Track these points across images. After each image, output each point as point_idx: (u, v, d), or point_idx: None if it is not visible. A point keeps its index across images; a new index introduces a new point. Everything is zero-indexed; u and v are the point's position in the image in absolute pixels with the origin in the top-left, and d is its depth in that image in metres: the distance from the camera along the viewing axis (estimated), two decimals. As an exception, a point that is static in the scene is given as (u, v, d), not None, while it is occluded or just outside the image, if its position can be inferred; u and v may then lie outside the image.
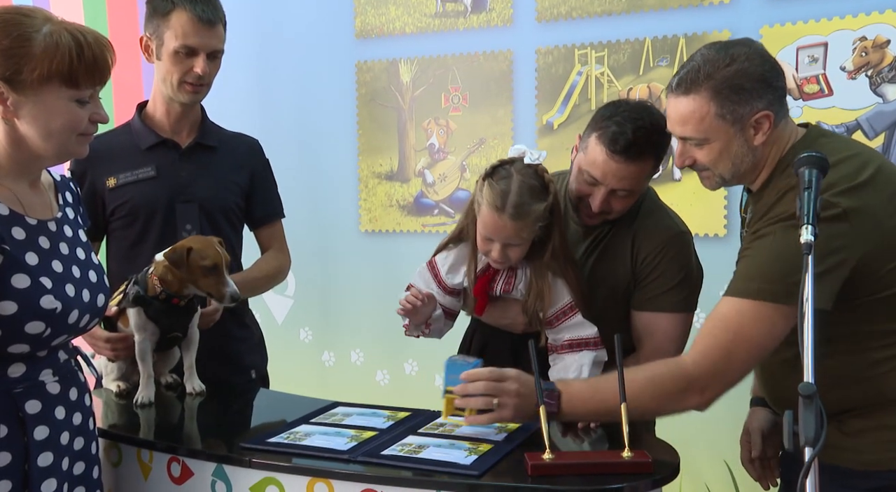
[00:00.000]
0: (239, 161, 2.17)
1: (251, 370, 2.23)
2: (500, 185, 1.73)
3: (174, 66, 2.00)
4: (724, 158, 1.57)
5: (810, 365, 1.22)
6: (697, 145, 1.58)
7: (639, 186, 1.82)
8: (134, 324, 1.86)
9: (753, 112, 1.53)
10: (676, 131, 1.60)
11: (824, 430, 1.13)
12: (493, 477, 1.40)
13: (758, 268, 1.50)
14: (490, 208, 1.73)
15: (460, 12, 3.04)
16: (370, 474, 1.43)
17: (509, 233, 1.74)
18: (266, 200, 2.24)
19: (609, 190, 1.79)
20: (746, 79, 1.52)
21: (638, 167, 1.77)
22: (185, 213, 2.06)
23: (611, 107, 1.83)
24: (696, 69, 1.54)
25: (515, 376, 1.55)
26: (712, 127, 1.54)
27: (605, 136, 1.76)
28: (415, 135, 3.17)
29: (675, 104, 1.58)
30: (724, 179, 1.61)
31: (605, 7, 2.79)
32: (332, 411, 1.78)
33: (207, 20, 1.98)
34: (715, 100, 1.52)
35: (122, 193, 2.05)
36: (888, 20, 2.39)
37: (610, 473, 1.40)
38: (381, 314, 3.21)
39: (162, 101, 2.08)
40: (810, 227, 1.32)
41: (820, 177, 1.41)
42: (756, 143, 1.55)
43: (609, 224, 1.90)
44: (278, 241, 2.28)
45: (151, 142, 2.08)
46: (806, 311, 1.25)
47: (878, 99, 2.44)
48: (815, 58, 2.50)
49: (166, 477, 1.63)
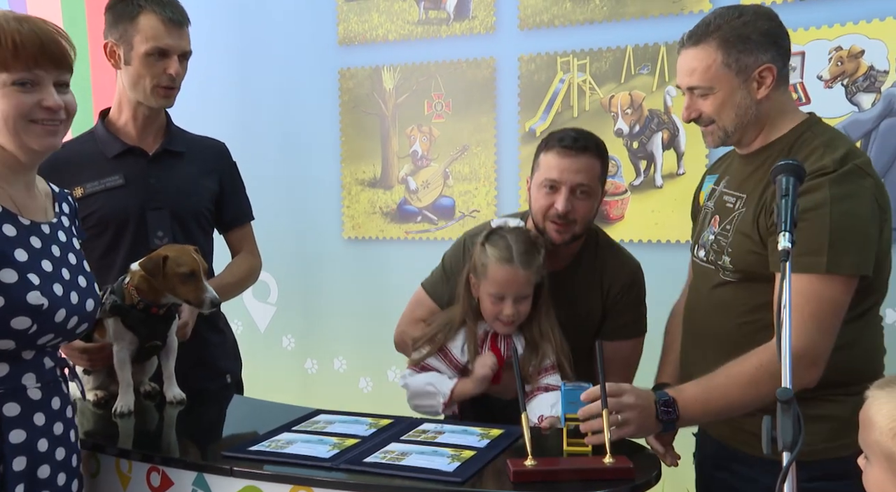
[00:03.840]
0: (207, 166, 2.16)
1: (226, 375, 2.22)
2: (500, 242, 1.86)
3: (146, 70, 1.98)
4: (728, 107, 1.63)
5: (787, 371, 1.24)
6: (703, 95, 1.65)
7: (594, 182, 1.93)
8: (112, 333, 1.85)
9: (758, 64, 1.61)
10: (684, 82, 1.67)
11: (801, 435, 1.15)
12: (475, 484, 1.40)
13: (820, 241, 1.52)
14: (500, 264, 1.84)
15: (443, 20, 3.06)
16: (353, 482, 1.43)
17: (521, 283, 1.84)
18: (235, 203, 2.23)
19: (570, 189, 1.89)
20: (753, 31, 1.61)
21: (588, 160, 1.90)
22: (157, 220, 2.04)
23: (549, 134, 2.01)
24: (706, 23, 1.64)
25: (631, 389, 1.54)
26: (717, 75, 1.61)
27: (551, 143, 1.93)
28: (398, 142, 3.18)
29: (684, 56, 1.66)
30: (727, 132, 1.67)
31: (587, 15, 2.82)
32: (315, 419, 1.78)
33: (177, 21, 1.98)
34: (722, 48, 1.60)
35: (91, 202, 2.03)
36: (862, 31, 2.43)
37: (592, 479, 1.41)
38: (364, 322, 3.22)
39: (128, 108, 2.06)
40: (787, 234, 1.34)
41: (797, 184, 1.43)
42: (759, 96, 1.62)
43: (573, 269, 2.01)
44: (249, 243, 2.27)
45: (118, 150, 2.06)
46: (784, 317, 1.27)
47: (853, 108, 2.47)
48: (792, 66, 2.52)
49: (146, 487, 1.62)
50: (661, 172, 2.76)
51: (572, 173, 1.89)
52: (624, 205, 2.82)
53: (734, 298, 1.68)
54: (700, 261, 1.79)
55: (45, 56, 1.39)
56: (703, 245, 1.77)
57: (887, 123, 2.43)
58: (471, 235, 2.13)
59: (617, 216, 2.83)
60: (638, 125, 2.78)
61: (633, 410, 1.50)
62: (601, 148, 1.96)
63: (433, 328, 1.96)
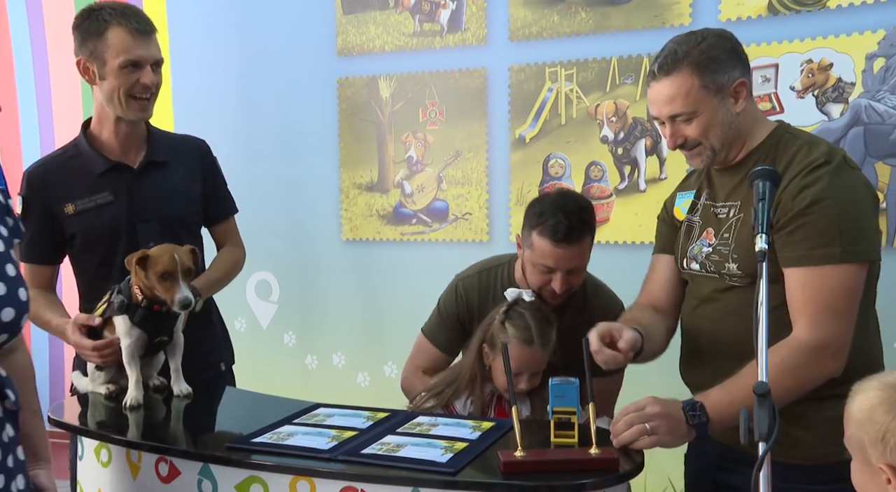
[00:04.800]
0: (191, 169, 2.14)
1: (220, 364, 2.23)
2: (520, 322, 1.86)
3: (120, 82, 1.93)
4: (713, 127, 1.61)
5: (763, 365, 1.25)
6: (686, 120, 1.62)
7: (587, 259, 1.97)
8: (121, 331, 1.85)
9: (731, 80, 1.60)
10: (664, 112, 1.63)
11: (776, 425, 1.16)
12: (467, 474, 1.40)
13: (831, 232, 1.50)
14: (520, 345, 1.83)
15: (437, 32, 3.06)
16: (351, 473, 1.44)
17: (538, 362, 1.86)
18: (218, 200, 2.22)
19: (565, 272, 1.91)
20: (720, 50, 1.60)
21: (581, 247, 1.91)
22: (146, 231, 2.02)
23: (538, 204, 1.96)
24: (672, 52, 1.61)
25: (653, 400, 1.49)
26: (698, 98, 1.59)
27: (545, 230, 1.88)
28: (394, 148, 3.18)
29: (659, 88, 1.62)
30: (715, 150, 1.64)
31: (574, 28, 2.83)
32: (315, 412, 1.78)
33: (144, 31, 1.94)
34: (696, 73, 1.58)
35: (83, 219, 2.00)
36: (831, 45, 2.46)
37: (579, 469, 1.41)
38: (361, 319, 3.22)
39: (108, 122, 2.02)
40: (764, 236, 1.35)
41: (773, 189, 1.44)
42: (738, 109, 1.61)
43: (562, 313, 1.99)
44: (232, 235, 2.26)
45: (104, 167, 2.02)
46: (760, 315, 1.28)
47: (823, 117, 2.49)
48: (767, 78, 2.56)
49: (154, 476, 1.62)
50: (644, 176, 2.77)
51: (566, 261, 1.90)
52: (609, 208, 2.83)
53: (742, 301, 1.60)
54: (695, 272, 1.73)
55: None
56: (695, 258, 1.72)
57: (854, 131, 2.46)
58: (462, 278, 2.14)
59: (602, 219, 2.84)
60: (622, 132, 2.79)
61: (660, 418, 1.46)
62: (591, 224, 1.94)
63: (439, 384, 1.95)
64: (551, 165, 2.90)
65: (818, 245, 1.50)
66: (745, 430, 1.20)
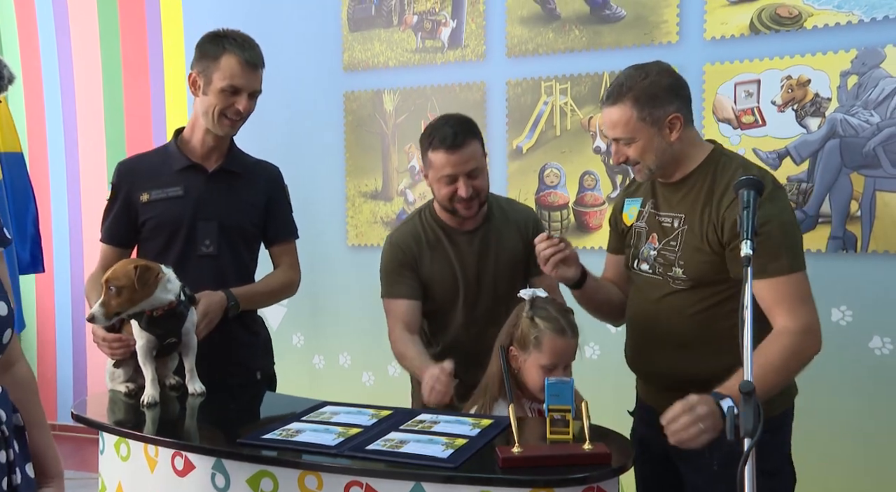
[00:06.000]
0: (258, 187, 2.19)
1: (256, 372, 2.22)
2: (548, 314, 1.80)
3: (218, 101, 2.02)
4: (648, 152, 1.74)
5: (749, 364, 1.25)
6: (626, 144, 1.75)
7: (482, 162, 2.04)
8: (135, 333, 1.87)
9: (667, 115, 1.72)
10: (609, 134, 1.78)
11: (761, 423, 1.16)
12: (467, 469, 1.40)
13: (780, 249, 1.63)
14: (556, 335, 1.77)
15: (438, 48, 3.07)
16: (356, 467, 1.44)
17: (573, 352, 1.81)
18: (279, 221, 2.24)
19: (465, 176, 1.99)
20: (658, 89, 1.72)
21: (472, 149, 2.01)
22: (206, 229, 2.07)
23: (426, 130, 2.07)
24: (619, 84, 1.74)
25: (698, 399, 1.50)
26: (636, 128, 1.72)
27: (436, 142, 2.00)
28: (397, 158, 3.19)
29: (607, 113, 1.76)
30: (651, 170, 1.77)
31: (568, 45, 2.83)
32: (322, 410, 1.78)
33: (253, 65, 2.03)
34: (636, 106, 1.71)
35: (153, 208, 2.07)
36: (808, 63, 2.47)
37: (573, 464, 1.41)
38: (366, 321, 3.21)
39: (199, 131, 2.10)
40: (749, 242, 1.36)
41: (757, 197, 1.45)
42: (672, 139, 1.73)
43: (487, 223, 2.12)
44: (288, 258, 2.26)
45: (182, 165, 2.09)
46: (745, 317, 1.28)
47: (802, 130, 2.50)
48: (750, 92, 2.56)
49: (170, 470, 1.62)
50: (634, 185, 2.77)
51: (462, 165, 1.99)
52: (602, 215, 2.83)
53: (685, 301, 1.75)
54: (644, 273, 1.84)
55: None
56: (646, 259, 1.83)
57: (831, 143, 2.47)
58: (391, 234, 2.21)
59: (596, 226, 2.84)
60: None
61: (709, 418, 1.47)
62: (474, 129, 2.04)
63: (475, 395, 1.88)
64: (547, 175, 2.90)
65: (771, 260, 1.61)
66: (732, 426, 1.20)
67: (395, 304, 2.10)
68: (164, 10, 3.73)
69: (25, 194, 3.42)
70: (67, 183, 4.05)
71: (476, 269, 2.11)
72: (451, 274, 2.10)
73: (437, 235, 2.12)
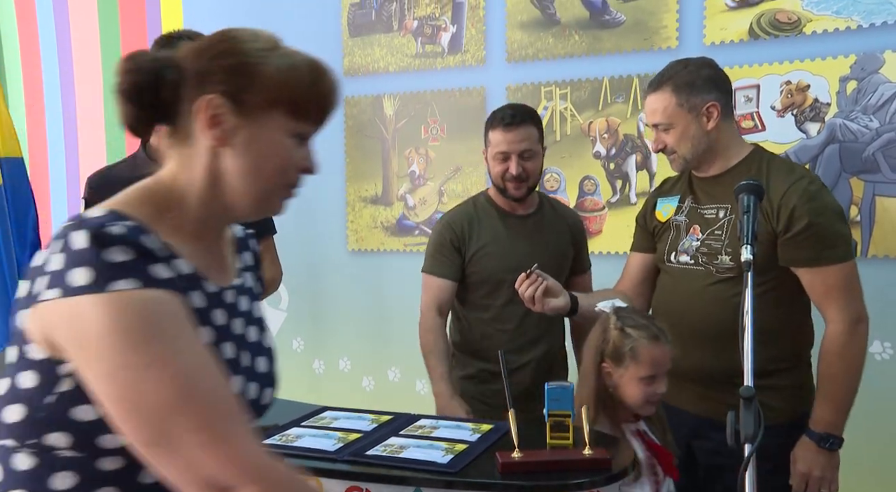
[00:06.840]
0: None
1: None
2: (639, 323, 1.68)
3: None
4: (685, 139, 1.83)
5: (750, 370, 1.24)
6: (665, 130, 1.85)
7: (535, 145, 2.14)
8: None
9: (704, 102, 1.81)
10: (650, 120, 1.89)
11: (761, 429, 1.15)
12: (467, 474, 1.40)
13: (837, 237, 1.75)
14: (652, 343, 1.65)
15: (438, 53, 3.07)
16: (356, 472, 1.43)
17: (669, 360, 1.68)
18: (258, 219, 2.24)
19: (517, 156, 2.10)
20: (697, 78, 1.82)
21: (526, 130, 2.12)
22: None
23: (492, 113, 2.21)
24: (662, 74, 1.87)
25: (816, 462, 1.72)
26: (674, 114, 1.82)
27: (496, 122, 2.14)
28: (397, 163, 3.19)
29: (649, 101, 1.87)
30: (686, 160, 1.86)
31: (568, 50, 2.84)
32: (322, 415, 1.77)
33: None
34: (675, 93, 1.82)
35: None
36: (808, 68, 2.47)
37: (573, 469, 1.41)
38: (366, 326, 3.21)
39: None
40: (749, 246, 1.35)
41: (757, 202, 1.44)
42: (709, 127, 1.82)
43: (540, 214, 2.24)
44: (269, 254, 2.31)
45: (154, 171, 2.09)
46: (746, 322, 1.27)
47: (802, 135, 2.50)
48: (749, 98, 2.56)
49: (168, 477, 1.61)
50: (635, 190, 2.77)
51: (517, 143, 2.10)
52: (602, 220, 2.83)
53: (729, 290, 1.79)
54: (684, 265, 1.88)
55: (330, 115, 1.09)
56: (686, 251, 1.88)
57: (830, 148, 2.47)
58: (446, 214, 2.31)
59: (596, 231, 2.83)
60: (614, 148, 2.79)
61: (831, 470, 1.68)
62: (535, 116, 2.17)
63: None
64: (547, 179, 2.90)
65: (828, 247, 1.72)
66: (732, 432, 1.19)
67: (433, 280, 2.19)
68: (164, 11, 3.73)
69: (26, 200, 3.42)
70: (67, 188, 4.06)
71: (527, 249, 2.16)
72: (500, 250, 2.17)
73: (490, 214, 2.22)
